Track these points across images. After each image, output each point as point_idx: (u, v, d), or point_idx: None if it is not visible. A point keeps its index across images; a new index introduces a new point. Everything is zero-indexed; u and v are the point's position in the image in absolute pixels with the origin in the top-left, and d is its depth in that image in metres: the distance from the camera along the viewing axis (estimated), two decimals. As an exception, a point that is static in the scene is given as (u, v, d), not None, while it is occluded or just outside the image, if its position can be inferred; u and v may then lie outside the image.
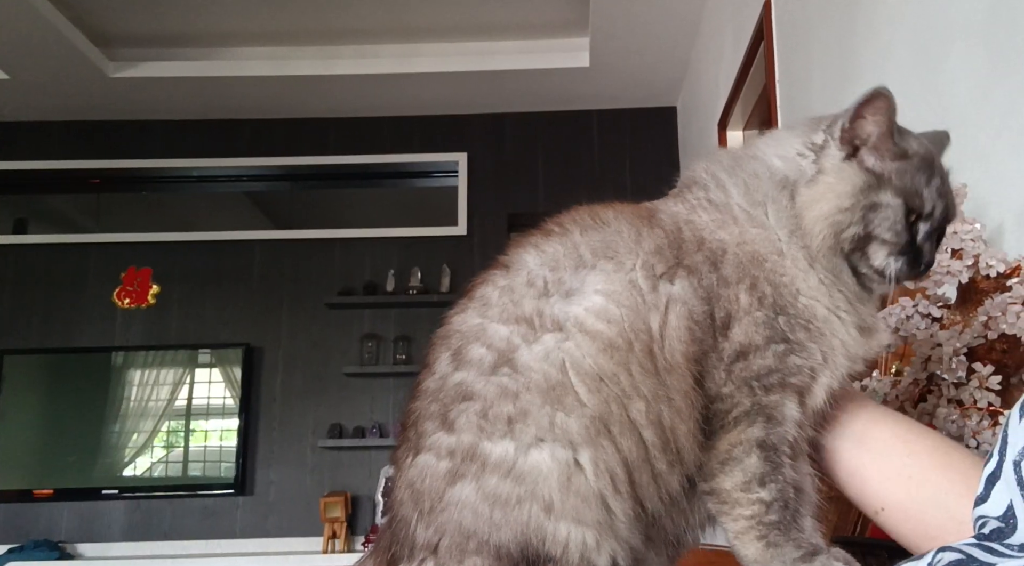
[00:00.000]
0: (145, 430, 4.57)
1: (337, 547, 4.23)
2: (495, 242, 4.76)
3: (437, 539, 0.73)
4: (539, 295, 0.76)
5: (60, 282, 4.75)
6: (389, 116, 4.95)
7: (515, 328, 0.75)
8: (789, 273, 0.77)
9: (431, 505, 0.74)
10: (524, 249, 0.81)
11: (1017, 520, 0.45)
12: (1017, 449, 0.48)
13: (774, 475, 0.73)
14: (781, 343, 0.75)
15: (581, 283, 0.76)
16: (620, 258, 0.78)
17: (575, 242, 0.79)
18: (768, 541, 0.70)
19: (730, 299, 0.76)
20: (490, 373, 0.74)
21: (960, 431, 1.03)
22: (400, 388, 4.57)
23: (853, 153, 0.80)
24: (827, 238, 0.77)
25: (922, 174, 0.78)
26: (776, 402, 0.74)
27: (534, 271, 0.78)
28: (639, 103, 4.91)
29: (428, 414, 0.77)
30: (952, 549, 0.43)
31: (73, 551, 4.37)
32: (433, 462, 0.74)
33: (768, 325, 0.75)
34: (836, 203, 0.78)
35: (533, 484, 0.71)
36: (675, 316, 0.75)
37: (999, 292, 1.07)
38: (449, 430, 0.74)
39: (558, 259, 0.78)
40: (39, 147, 4.91)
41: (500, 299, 0.78)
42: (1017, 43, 1.30)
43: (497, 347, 0.75)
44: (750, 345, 0.75)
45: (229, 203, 5.59)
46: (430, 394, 0.78)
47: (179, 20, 4.30)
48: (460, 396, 0.75)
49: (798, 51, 2.56)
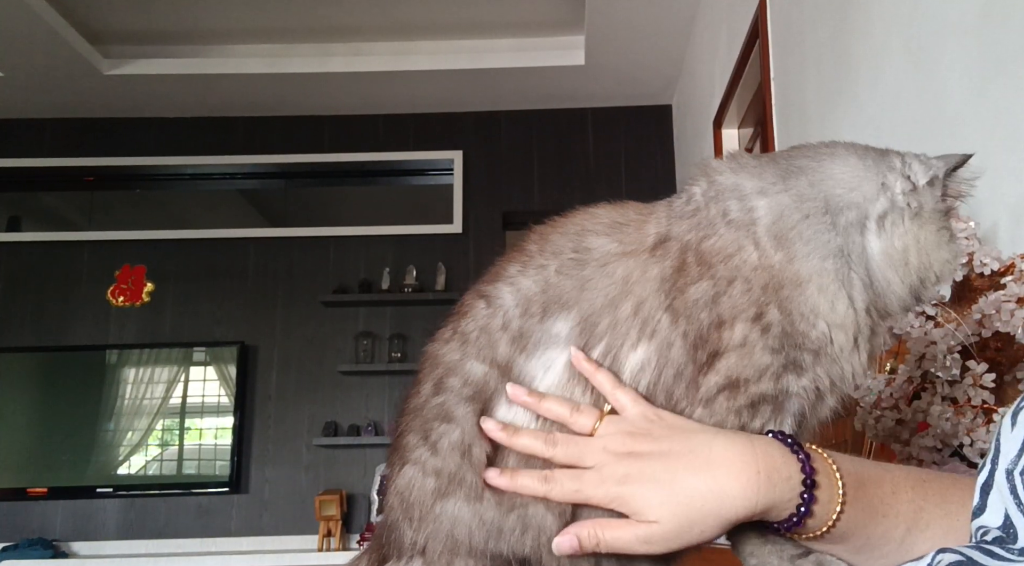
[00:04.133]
0: (140, 428, 4.56)
1: (332, 545, 4.23)
2: (490, 240, 4.76)
3: (426, 543, 0.75)
4: (512, 341, 0.76)
5: (54, 280, 4.73)
6: (384, 114, 4.95)
7: (489, 370, 0.75)
8: (811, 301, 0.72)
9: (420, 514, 0.75)
10: (503, 282, 0.78)
11: (1016, 529, 0.45)
12: (1009, 458, 0.48)
13: None
14: (781, 370, 0.72)
15: (547, 336, 0.75)
16: (592, 321, 0.74)
17: (548, 282, 0.76)
18: (766, 538, 0.71)
19: (721, 338, 0.72)
20: (468, 402, 0.75)
21: (954, 429, 1.03)
22: (395, 386, 4.57)
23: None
24: (912, 286, 0.74)
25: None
26: (760, 427, 0.72)
27: (509, 312, 0.76)
28: (634, 101, 4.92)
29: (412, 428, 0.78)
30: (952, 551, 0.43)
31: (67, 550, 4.36)
32: (420, 477, 0.76)
33: (767, 353, 0.71)
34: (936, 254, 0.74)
35: (539, 524, 0.72)
36: (643, 389, 0.73)
37: (993, 290, 1.08)
38: (433, 451, 0.76)
39: (530, 301, 0.76)
40: (32, 144, 4.90)
41: (478, 339, 0.77)
42: (1010, 42, 1.31)
43: (473, 382, 0.76)
44: (739, 379, 0.72)
45: (223, 201, 5.58)
46: (415, 412, 0.79)
47: (173, 17, 4.29)
48: (440, 416, 0.76)
49: (793, 50, 2.56)
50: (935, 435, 1.04)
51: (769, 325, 0.71)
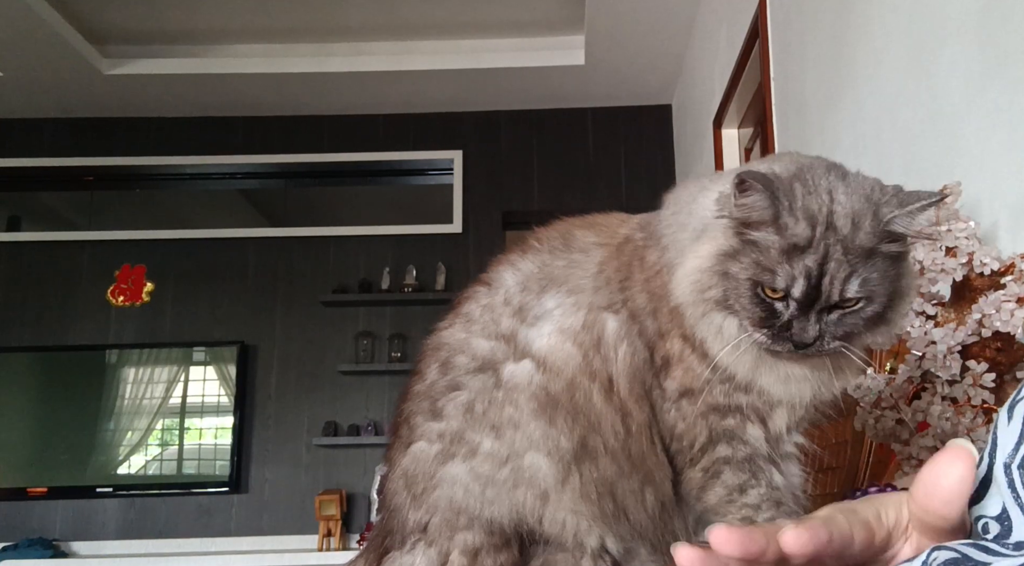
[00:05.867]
0: (139, 428, 4.56)
1: (332, 545, 4.23)
2: (490, 240, 4.76)
3: (428, 518, 0.80)
4: (513, 314, 0.84)
5: (53, 280, 4.73)
6: (384, 114, 4.95)
7: (495, 344, 0.83)
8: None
9: (424, 486, 0.81)
10: (504, 267, 0.88)
11: (1012, 522, 0.45)
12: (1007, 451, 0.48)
13: (754, 481, 0.76)
14: (722, 383, 0.77)
15: (543, 310, 0.83)
16: (577, 294, 0.83)
17: (544, 262, 0.86)
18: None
19: (665, 346, 0.79)
20: (476, 373, 0.83)
21: (954, 428, 1.03)
22: (395, 386, 4.56)
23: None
24: (690, 293, 0.76)
25: (782, 252, 0.71)
26: (735, 425, 0.77)
27: (511, 290, 0.85)
28: (634, 101, 4.91)
29: (419, 410, 0.85)
30: (947, 548, 0.42)
31: (67, 549, 4.36)
32: (425, 447, 0.82)
33: (705, 368, 0.77)
34: (699, 263, 0.76)
35: (529, 476, 0.78)
36: (620, 360, 0.80)
37: (993, 290, 1.08)
38: (438, 418, 0.83)
39: (529, 279, 0.85)
40: (32, 144, 4.90)
41: (482, 317, 0.86)
42: (1010, 41, 1.31)
43: (481, 356, 0.83)
44: (692, 388, 0.78)
45: (223, 201, 5.58)
46: (420, 395, 0.86)
47: (173, 17, 4.29)
48: (448, 388, 0.83)
49: (793, 49, 2.56)
50: (935, 435, 1.04)
51: (699, 343, 0.77)
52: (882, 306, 0.72)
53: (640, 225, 0.86)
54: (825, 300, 0.70)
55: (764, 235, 0.72)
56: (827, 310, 0.71)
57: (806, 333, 0.71)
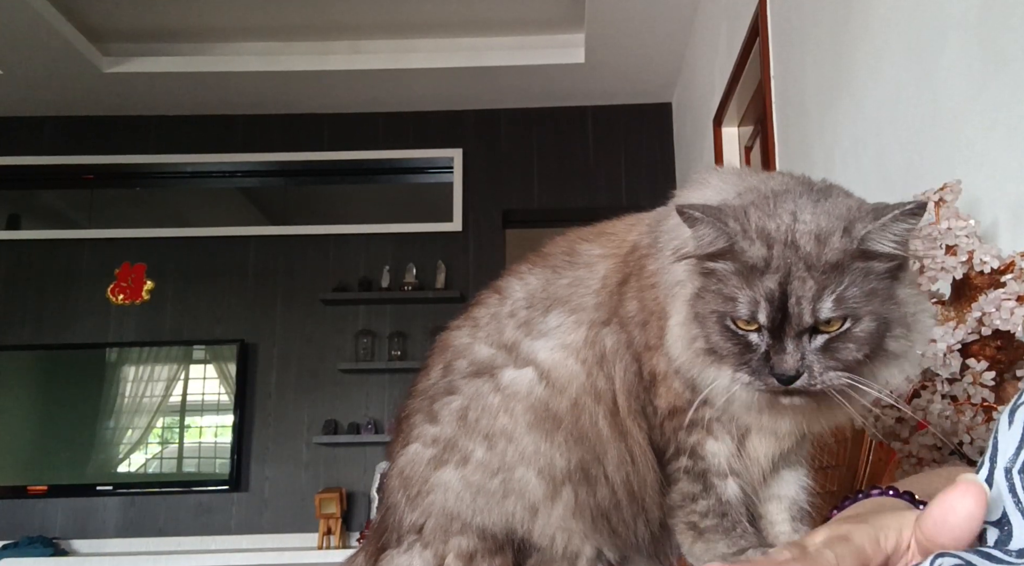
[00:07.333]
0: (139, 426, 4.56)
1: (332, 543, 4.23)
2: (490, 238, 4.76)
3: (423, 521, 0.82)
4: (518, 326, 0.85)
5: (53, 278, 4.73)
6: (384, 112, 4.94)
7: (496, 352, 0.85)
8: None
9: (418, 490, 0.82)
10: (515, 277, 0.90)
11: (1012, 527, 0.45)
12: (1007, 456, 0.48)
13: (704, 494, 0.79)
14: (703, 404, 0.77)
15: (547, 327, 0.84)
16: (579, 312, 0.84)
17: (548, 279, 0.87)
18: (704, 538, 0.77)
19: (651, 360, 0.80)
20: (471, 377, 0.84)
21: (954, 427, 1.03)
22: (395, 384, 4.57)
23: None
24: (683, 350, 0.74)
25: (740, 276, 0.69)
26: (696, 441, 0.79)
27: (517, 303, 0.87)
28: (634, 99, 4.91)
29: (419, 409, 0.87)
30: (951, 555, 0.43)
31: (67, 547, 4.36)
32: (420, 450, 0.84)
33: (685, 388, 0.78)
34: (680, 317, 0.75)
35: (519, 488, 0.80)
36: (619, 377, 0.81)
37: (993, 288, 1.08)
38: (433, 422, 0.85)
39: (535, 295, 0.86)
40: (32, 142, 4.90)
41: (488, 324, 0.87)
42: (1010, 39, 1.31)
43: (479, 362, 0.85)
44: (675, 408, 0.79)
45: (223, 199, 5.58)
46: (422, 393, 0.88)
47: (173, 15, 4.29)
48: (445, 391, 0.85)
49: (793, 47, 2.56)
50: (935, 433, 1.04)
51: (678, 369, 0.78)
52: (875, 327, 0.67)
53: (650, 227, 0.84)
54: (797, 323, 0.66)
55: (723, 264, 0.70)
56: (807, 335, 0.67)
57: (785, 363, 0.66)
